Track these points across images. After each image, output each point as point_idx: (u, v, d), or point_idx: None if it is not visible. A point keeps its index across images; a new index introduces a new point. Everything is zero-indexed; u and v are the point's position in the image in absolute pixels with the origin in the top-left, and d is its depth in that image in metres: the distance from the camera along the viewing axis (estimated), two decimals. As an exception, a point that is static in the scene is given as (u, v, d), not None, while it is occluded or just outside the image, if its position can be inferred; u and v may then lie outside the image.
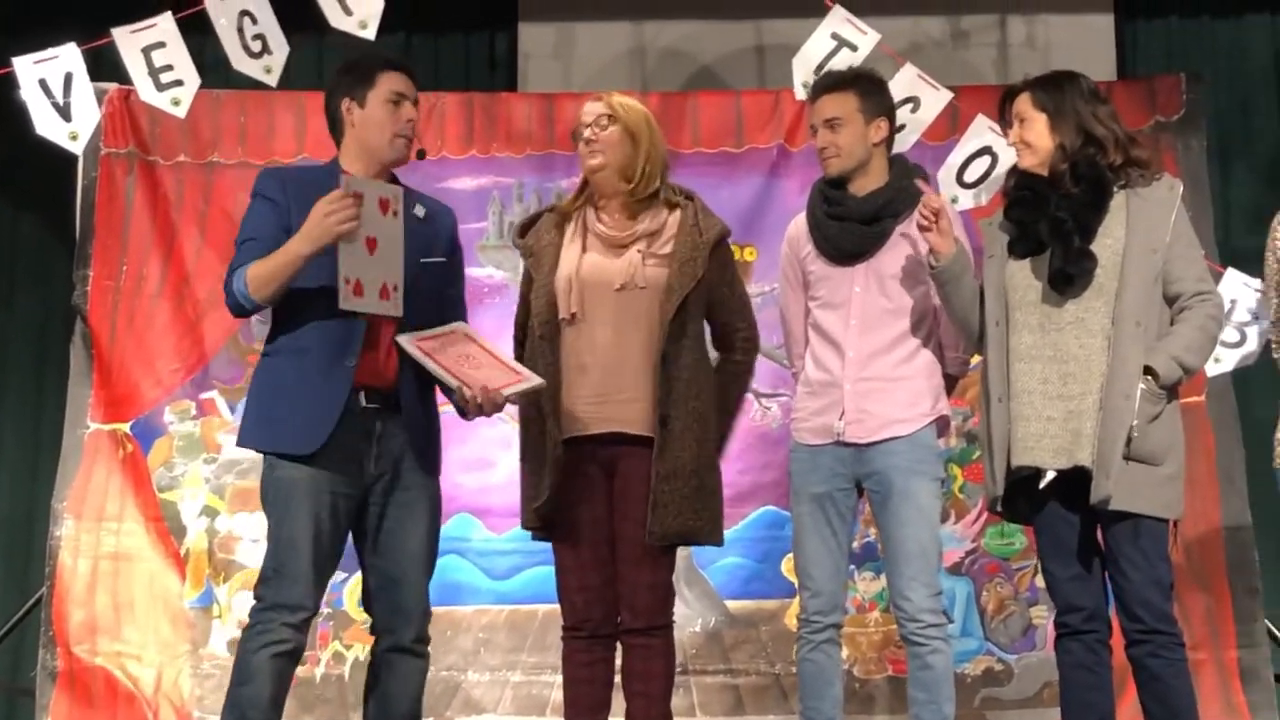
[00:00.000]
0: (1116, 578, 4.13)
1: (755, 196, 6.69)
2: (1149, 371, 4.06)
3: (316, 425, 4.04)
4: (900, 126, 4.92)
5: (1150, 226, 4.15)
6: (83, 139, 5.71)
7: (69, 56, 5.60)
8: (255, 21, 5.49)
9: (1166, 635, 4.09)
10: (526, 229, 4.55)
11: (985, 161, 5.37)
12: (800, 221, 4.70)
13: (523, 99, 7.03)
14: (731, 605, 6.48)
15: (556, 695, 5.21)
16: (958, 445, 6.49)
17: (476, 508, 6.27)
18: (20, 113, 5.70)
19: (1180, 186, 4.28)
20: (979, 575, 6.47)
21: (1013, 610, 6.44)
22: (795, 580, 4.92)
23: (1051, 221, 4.16)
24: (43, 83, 5.56)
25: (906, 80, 5.41)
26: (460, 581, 6.35)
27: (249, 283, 4.04)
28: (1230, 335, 5.14)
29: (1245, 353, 5.29)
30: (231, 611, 6.42)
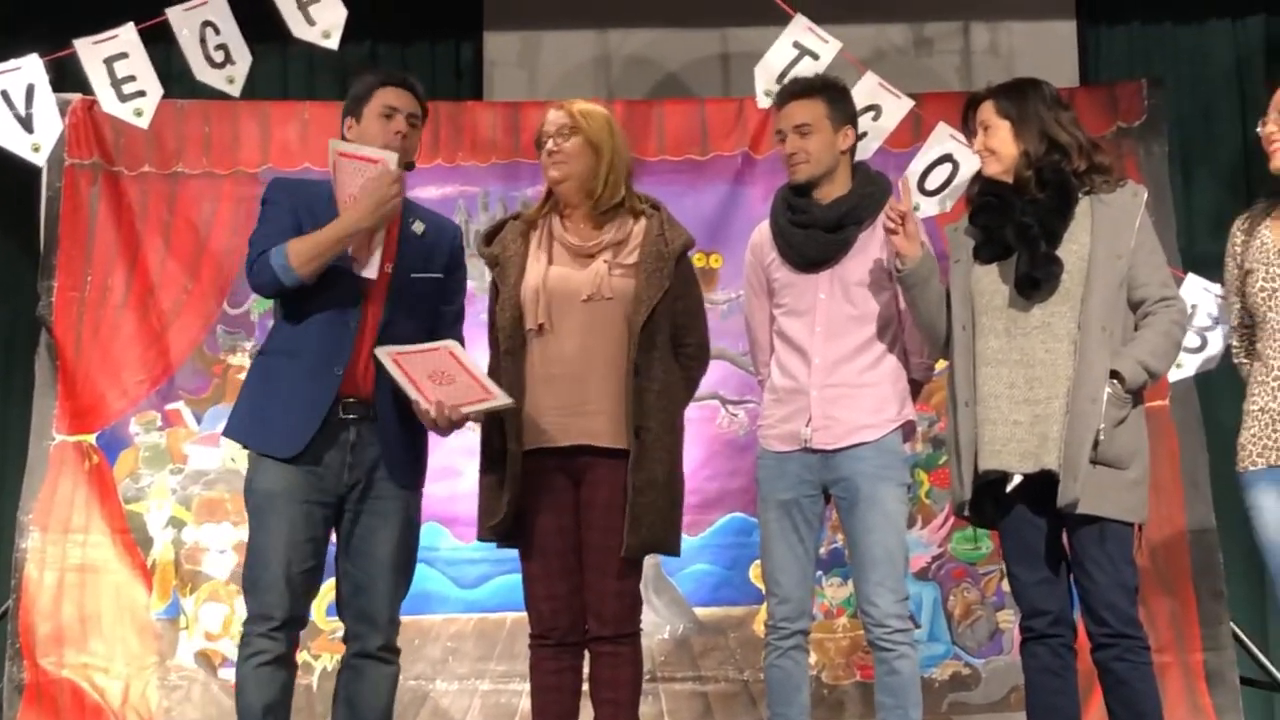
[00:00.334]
0: (1082, 581, 4.15)
1: (720, 204, 6.70)
2: (1115, 376, 4.09)
3: (299, 429, 4.17)
4: (862, 134, 4.94)
5: (1115, 232, 4.18)
6: (46, 150, 5.67)
7: (31, 67, 5.56)
8: (218, 32, 5.47)
9: (1132, 639, 4.11)
10: (491, 237, 4.54)
11: (947, 168, 5.38)
12: (764, 229, 4.71)
13: (488, 108, 7.03)
14: (700, 612, 6.48)
15: (525, 704, 5.20)
16: (924, 450, 6.51)
17: (444, 516, 6.27)
18: (-17, 124, 5.67)
19: (1144, 193, 4.30)
20: (946, 580, 6.48)
21: (979, 615, 6.45)
22: (763, 587, 4.92)
23: (1018, 227, 4.18)
24: (4, 94, 5.52)
25: (868, 88, 5.42)
26: (428, 590, 6.32)
27: (291, 256, 4.16)
28: (1192, 340, 5.16)
29: (1207, 357, 5.31)
30: (198, 623, 6.40)
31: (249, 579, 4.24)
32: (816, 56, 5.47)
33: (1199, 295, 5.31)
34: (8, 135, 5.56)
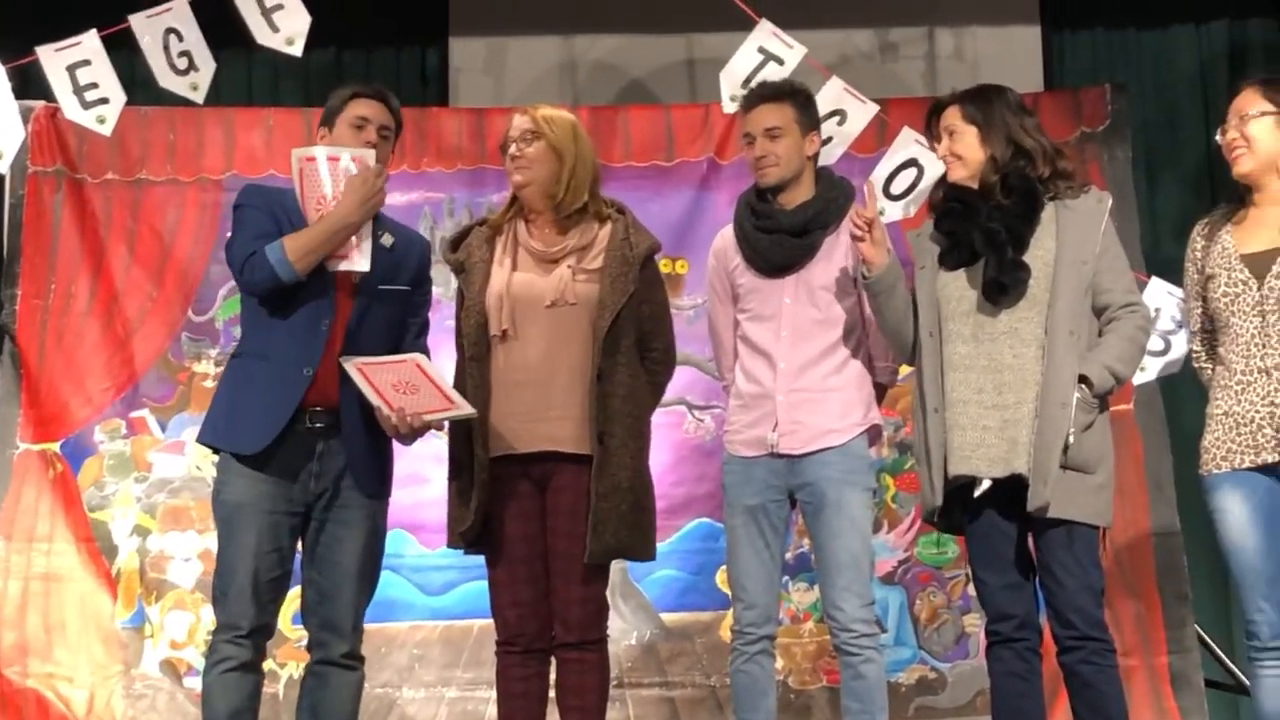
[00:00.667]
0: (1049, 584, 4.16)
1: (686, 209, 6.70)
2: (1084, 381, 4.11)
3: (266, 426, 4.19)
4: (827, 139, 4.95)
5: (1080, 238, 4.19)
6: (8, 157, 5.66)
7: (-7, 75, 5.56)
8: (181, 39, 5.46)
9: (1098, 642, 4.12)
10: (457, 243, 4.54)
11: (912, 173, 5.39)
12: (727, 234, 4.72)
13: (453, 114, 7.02)
14: (666, 618, 6.48)
15: (491, 710, 5.20)
16: (890, 455, 6.52)
17: (410, 523, 6.26)
18: (-55, 132, 5.64)
19: (1109, 199, 4.32)
20: (912, 584, 6.49)
21: (946, 619, 6.46)
22: (730, 592, 4.93)
23: (985, 233, 4.19)
24: (-34, 102, 5.51)
25: (833, 94, 5.43)
26: (394, 597, 6.31)
27: (289, 251, 4.19)
28: (1155, 344, 5.18)
29: (1169, 360, 5.34)
30: (164, 631, 6.38)
31: (218, 589, 4.26)
32: (781, 62, 5.48)
33: (1162, 299, 5.34)
34: (-29, 143, 5.55)
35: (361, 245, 4.28)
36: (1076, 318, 4.16)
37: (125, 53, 5.64)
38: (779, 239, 4.55)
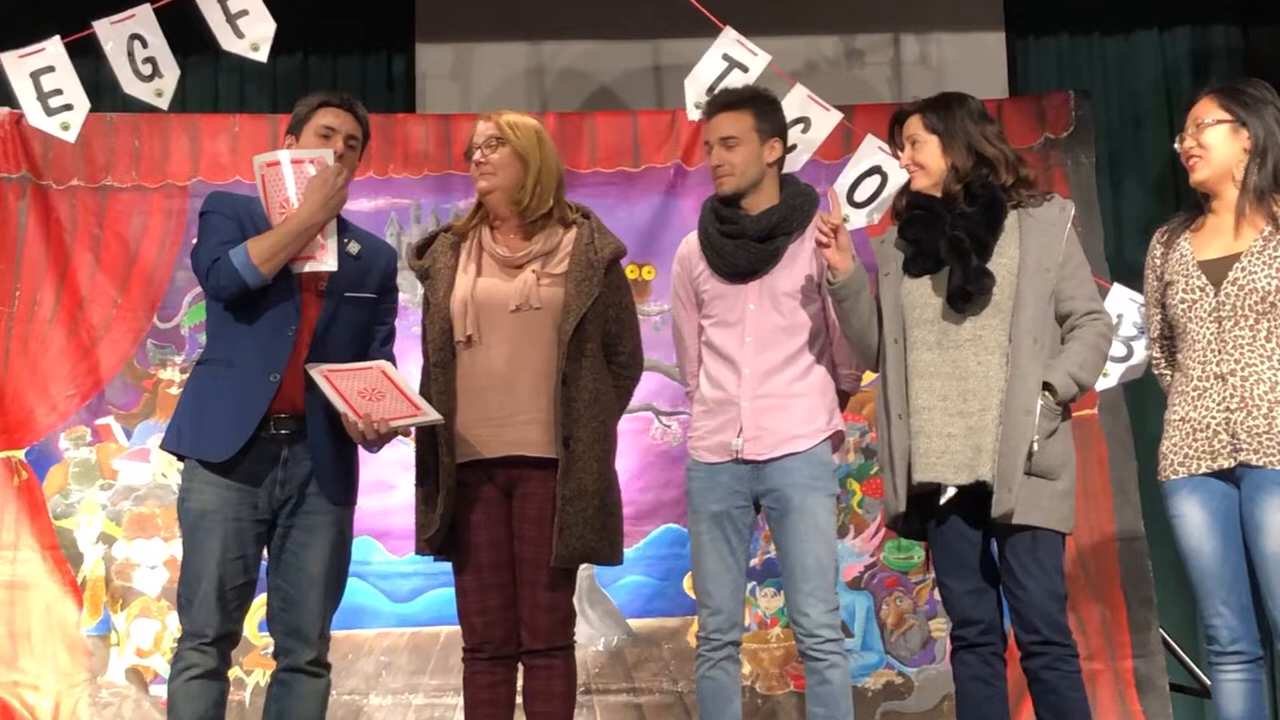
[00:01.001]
0: (1014, 589, 4.17)
1: (653, 215, 6.71)
2: (1047, 387, 4.13)
3: (232, 434, 4.20)
4: (792, 146, 4.95)
5: (1043, 246, 4.22)
6: (-27, 164, 5.66)
7: (-44, 81, 5.54)
8: (145, 45, 5.43)
9: (1062, 647, 4.14)
10: (422, 250, 4.53)
11: (876, 180, 5.40)
12: (691, 240, 4.73)
13: (420, 120, 7.01)
14: (634, 624, 6.48)
15: (459, 717, 5.18)
16: (856, 460, 6.53)
17: (376, 530, 6.26)
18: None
19: (1071, 208, 4.35)
20: (878, 589, 6.50)
21: (912, 624, 6.48)
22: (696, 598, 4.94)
23: (949, 240, 4.21)
24: (-69, 108, 5.50)
25: (797, 101, 5.42)
26: (361, 604, 6.30)
27: (253, 254, 4.20)
28: (1118, 349, 5.19)
29: (1132, 365, 5.34)
30: (130, 639, 6.36)
31: (183, 597, 4.26)
32: (746, 69, 5.48)
33: (1125, 305, 5.35)
34: (-65, 149, 5.53)
35: (327, 244, 4.28)
36: (1040, 325, 4.18)
37: (90, 59, 5.61)
38: (743, 244, 4.56)
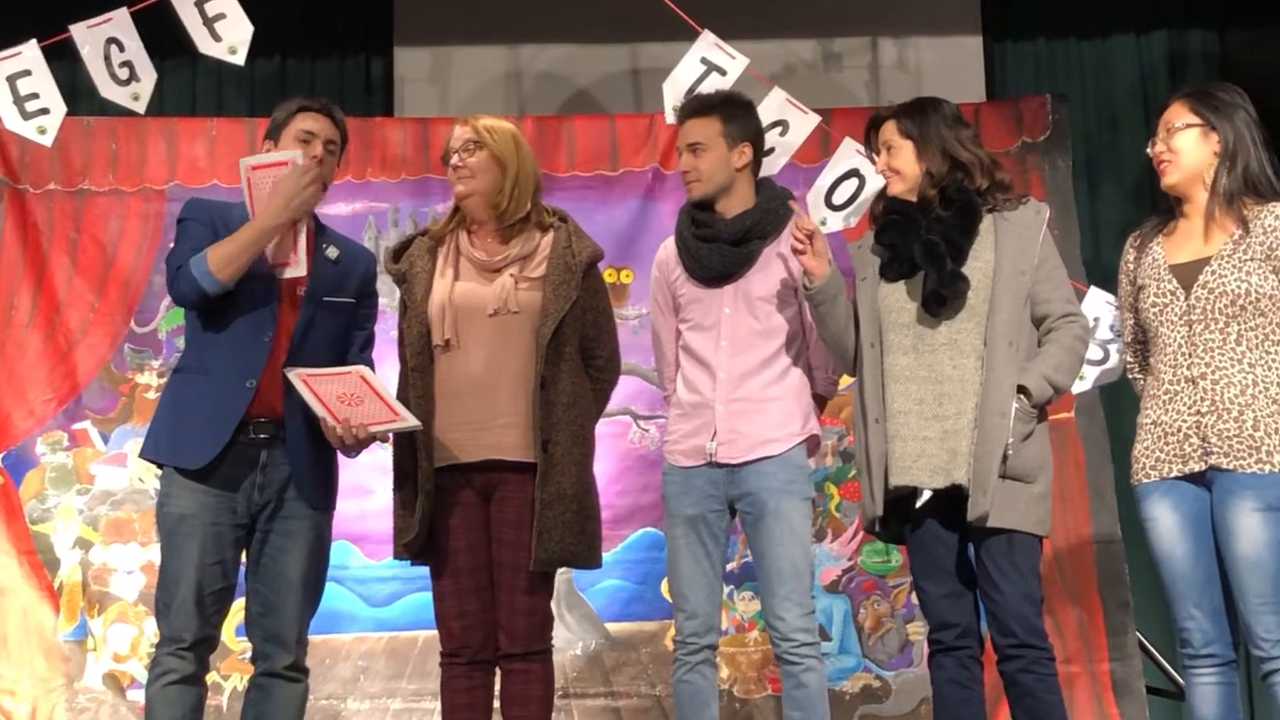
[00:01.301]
0: (990, 593, 4.18)
1: (631, 219, 6.73)
2: (1022, 391, 4.14)
3: (209, 441, 4.19)
4: (769, 150, 4.96)
5: (1019, 249, 4.23)
6: (-51, 168, 5.64)
7: (-67, 85, 5.52)
8: (122, 49, 5.42)
9: (1038, 650, 4.15)
10: (399, 254, 4.54)
11: (853, 184, 5.40)
12: (669, 245, 4.73)
13: (397, 123, 7.02)
14: (612, 627, 6.48)
15: (437, 722, 5.20)
16: (834, 464, 6.54)
17: (354, 535, 6.25)
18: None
19: (1047, 211, 4.36)
20: (856, 593, 6.50)
21: (890, 627, 6.48)
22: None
23: (924, 245, 4.21)
24: (-92, 113, 5.47)
25: (775, 104, 5.42)
26: (339, 609, 6.31)
27: (211, 261, 4.18)
28: (1094, 352, 5.19)
29: (1108, 368, 5.35)
30: (106, 644, 6.35)
31: (161, 602, 4.26)
32: (724, 72, 5.48)
33: (1101, 308, 5.36)
34: (-88, 153, 5.51)
35: (296, 250, 4.27)
36: (1015, 329, 4.19)
37: (66, 63, 5.59)
38: (717, 248, 4.56)
